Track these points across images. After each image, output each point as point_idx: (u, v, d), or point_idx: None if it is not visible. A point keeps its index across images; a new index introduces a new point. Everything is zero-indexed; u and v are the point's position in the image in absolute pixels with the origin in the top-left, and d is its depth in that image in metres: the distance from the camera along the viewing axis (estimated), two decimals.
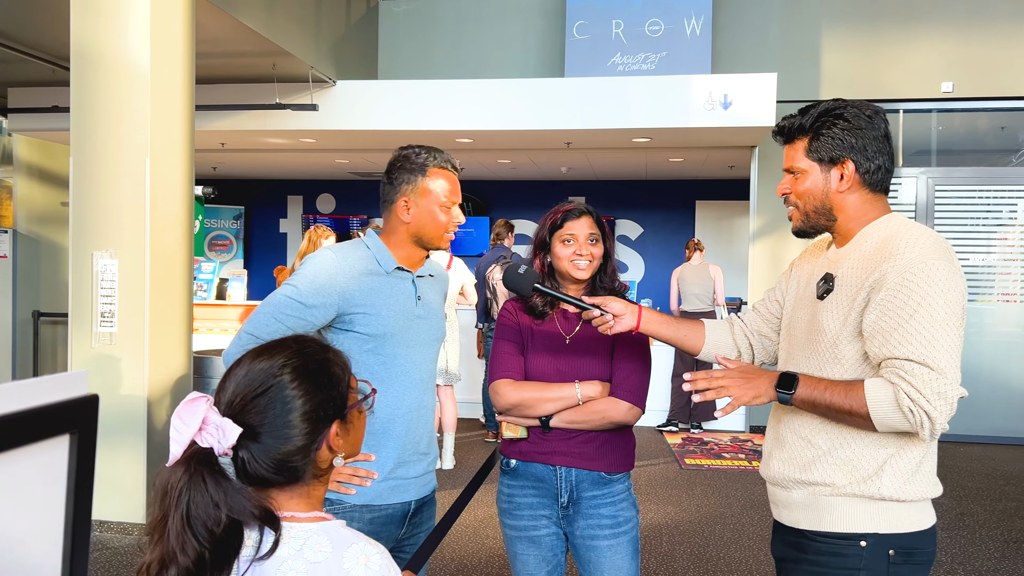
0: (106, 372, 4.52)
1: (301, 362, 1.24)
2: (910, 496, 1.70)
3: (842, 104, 1.79)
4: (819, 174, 1.79)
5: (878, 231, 1.75)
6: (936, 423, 1.58)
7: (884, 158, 1.77)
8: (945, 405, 1.57)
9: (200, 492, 1.11)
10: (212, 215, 11.28)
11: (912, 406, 1.58)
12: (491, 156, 8.92)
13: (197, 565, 1.09)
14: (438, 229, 2.15)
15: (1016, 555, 4.36)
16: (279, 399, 1.20)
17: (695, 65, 7.44)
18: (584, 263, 2.18)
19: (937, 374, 1.57)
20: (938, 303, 1.60)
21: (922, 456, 1.72)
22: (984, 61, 7.27)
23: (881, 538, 1.70)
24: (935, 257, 1.62)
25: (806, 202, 1.81)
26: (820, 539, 1.75)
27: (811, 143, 1.79)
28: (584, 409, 2.14)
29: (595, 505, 2.18)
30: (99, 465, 3.28)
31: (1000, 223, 7.42)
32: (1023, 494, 5.59)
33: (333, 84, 7.12)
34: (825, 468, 1.73)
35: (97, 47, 4.52)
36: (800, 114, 1.82)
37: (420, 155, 2.15)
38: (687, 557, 4.22)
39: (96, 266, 4.52)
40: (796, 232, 1.88)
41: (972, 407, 7.25)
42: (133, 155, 4.49)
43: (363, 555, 1.16)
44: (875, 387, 1.62)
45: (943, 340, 1.59)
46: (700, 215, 10.79)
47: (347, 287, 2.05)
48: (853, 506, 1.71)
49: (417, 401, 2.15)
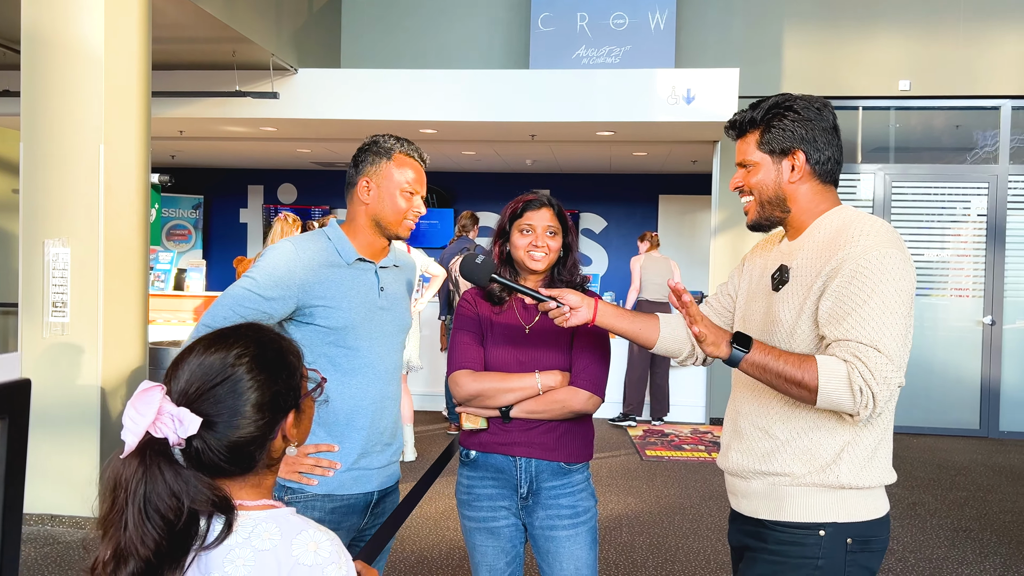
0: (58, 363, 4.41)
1: (258, 351, 1.22)
2: (867, 483, 1.73)
3: (791, 97, 1.82)
4: (771, 166, 1.82)
5: (831, 222, 1.78)
6: (878, 406, 1.62)
7: (834, 149, 1.81)
8: (887, 390, 1.62)
9: (158, 483, 1.09)
10: (170, 204, 11.08)
11: (863, 386, 1.61)
12: (456, 147, 8.88)
13: (156, 557, 1.08)
14: (397, 214, 2.13)
15: (965, 543, 4.47)
16: (236, 389, 1.18)
17: (659, 59, 7.48)
18: (540, 255, 2.18)
19: (886, 359, 1.61)
20: (890, 291, 1.63)
21: (877, 442, 1.75)
22: (940, 60, 7.41)
23: (840, 527, 1.72)
24: (889, 245, 1.66)
25: (760, 194, 1.84)
26: (780, 529, 1.77)
27: (762, 136, 1.82)
28: (544, 399, 2.14)
29: (554, 495, 2.18)
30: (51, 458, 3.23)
31: (954, 219, 7.58)
32: (973, 484, 5.74)
33: (295, 72, 7.02)
34: (784, 458, 1.75)
35: (49, 29, 4.40)
36: (751, 108, 1.85)
37: (388, 141, 2.16)
38: (646, 547, 4.25)
39: (48, 255, 4.41)
40: (751, 225, 1.90)
41: (925, 400, 7.42)
42: (86, 141, 4.39)
43: (312, 542, 1.15)
44: (829, 363, 1.64)
45: (893, 327, 1.63)
46: (663, 209, 10.87)
47: (306, 279, 2.03)
48: (812, 496, 1.74)
49: (381, 392, 2.13)
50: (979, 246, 7.47)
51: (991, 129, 7.55)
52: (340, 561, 1.15)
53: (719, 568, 3.99)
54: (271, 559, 1.12)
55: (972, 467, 6.24)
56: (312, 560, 1.12)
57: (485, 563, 2.23)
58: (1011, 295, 7.42)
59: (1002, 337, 7.41)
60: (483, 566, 2.23)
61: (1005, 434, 7.36)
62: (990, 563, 4.17)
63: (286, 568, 1.11)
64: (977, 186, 7.50)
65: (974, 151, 7.65)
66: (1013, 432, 7.36)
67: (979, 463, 6.36)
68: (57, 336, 4.42)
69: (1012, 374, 7.42)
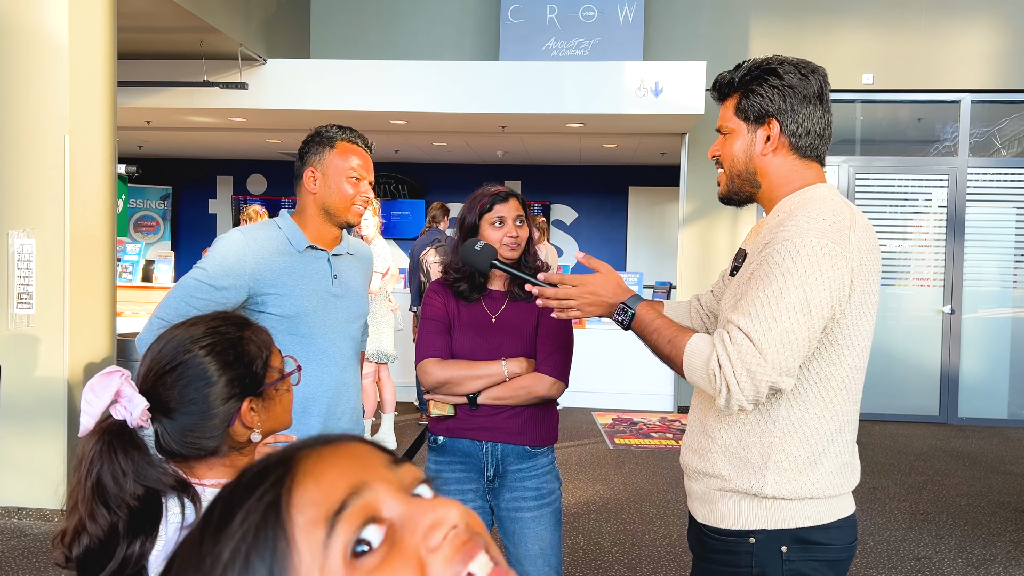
0: (24, 355, 4.38)
1: (212, 340, 1.24)
2: (799, 494, 1.56)
3: (777, 60, 1.64)
4: (746, 134, 1.65)
5: (792, 202, 1.60)
6: (733, 398, 1.47)
7: (815, 121, 1.62)
8: (750, 384, 1.46)
9: (109, 462, 1.11)
10: (138, 195, 10.95)
11: (718, 372, 1.48)
12: (426, 139, 8.88)
13: (109, 535, 1.10)
14: (344, 200, 2.15)
15: (922, 526, 4.60)
16: (188, 375, 1.21)
17: (627, 52, 7.53)
18: (515, 244, 2.24)
19: (756, 352, 1.45)
20: (792, 283, 1.46)
21: (817, 453, 1.58)
22: (902, 54, 7.55)
23: (771, 534, 1.57)
24: (814, 235, 1.48)
25: (731, 165, 1.68)
26: (714, 536, 1.65)
27: (740, 100, 1.65)
28: (510, 385, 2.20)
29: (520, 478, 2.24)
30: (18, 450, 3.23)
31: (916, 211, 7.74)
32: (931, 469, 5.89)
33: (263, 62, 6.98)
34: (715, 458, 1.63)
35: (12, 17, 4.34)
36: (735, 69, 1.69)
37: (331, 130, 2.19)
38: (614, 533, 4.32)
39: (12, 246, 4.37)
40: (721, 198, 1.75)
41: (886, 387, 7.58)
42: (50, 130, 4.34)
43: None
44: (698, 341, 1.54)
45: (779, 323, 1.46)
46: (633, 200, 10.96)
47: (257, 268, 2.05)
48: (740, 502, 1.60)
49: (337, 379, 2.16)
50: (939, 237, 7.64)
51: (952, 122, 7.71)
52: None
53: (684, 553, 4.07)
54: None
55: (931, 452, 6.40)
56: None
57: None
58: (970, 285, 7.60)
59: (961, 326, 7.59)
60: None
61: (964, 420, 7.55)
62: (945, 544, 4.30)
63: None
64: (938, 178, 7.66)
65: (935, 144, 7.81)
66: (971, 418, 7.55)
67: (938, 448, 6.53)
68: (23, 328, 4.38)
69: (971, 362, 7.61)
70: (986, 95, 7.59)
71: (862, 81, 7.56)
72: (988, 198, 7.66)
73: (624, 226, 11.06)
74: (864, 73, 7.55)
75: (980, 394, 7.59)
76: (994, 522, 4.69)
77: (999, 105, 7.65)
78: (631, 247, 10.99)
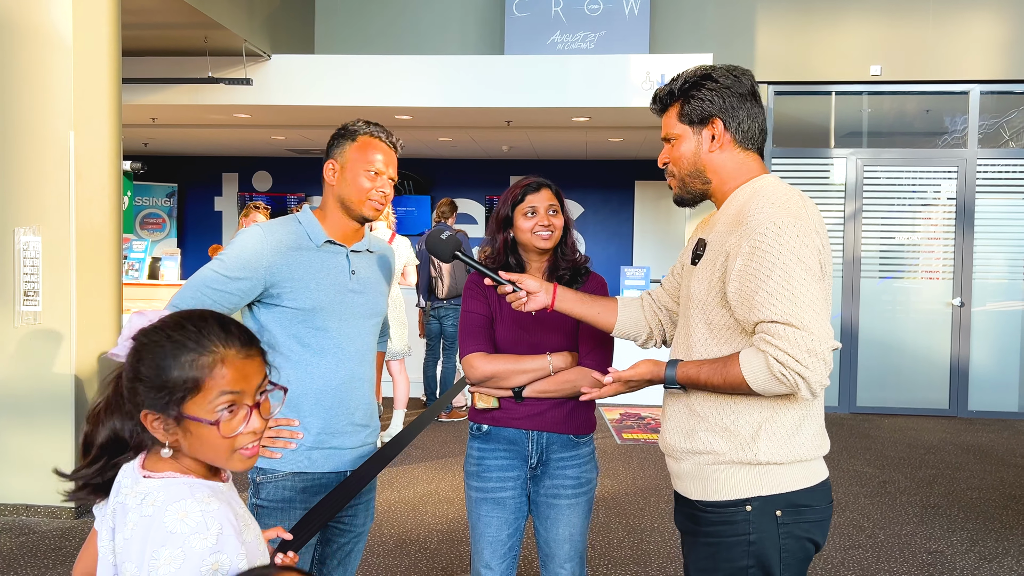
0: (31, 352, 4.38)
1: (151, 341, 1.22)
2: (789, 458, 1.70)
3: (709, 67, 1.82)
4: (692, 137, 1.80)
5: (743, 194, 1.76)
6: (811, 381, 1.58)
7: (753, 117, 1.79)
8: (817, 361, 1.57)
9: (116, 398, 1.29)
10: (144, 193, 10.96)
11: (783, 370, 1.57)
12: (431, 134, 8.86)
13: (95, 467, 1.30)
14: (360, 194, 2.14)
15: (933, 519, 4.57)
16: (131, 354, 1.24)
17: (633, 45, 7.49)
18: (547, 233, 2.27)
19: (803, 332, 1.56)
20: (791, 260, 1.59)
21: (801, 417, 1.72)
22: (911, 46, 7.49)
23: (766, 500, 1.69)
24: (782, 215, 1.62)
25: (680, 167, 1.83)
26: (709, 509, 1.74)
27: (682, 107, 1.80)
28: (556, 379, 2.25)
29: (562, 467, 2.30)
30: (25, 447, 3.23)
31: (925, 203, 7.69)
32: (941, 462, 5.85)
33: (268, 58, 6.96)
34: (705, 435, 1.74)
35: (17, 15, 4.33)
36: (672, 81, 1.84)
37: (356, 124, 2.20)
38: (623, 528, 4.31)
39: (18, 243, 4.36)
40: (676, 200, 1.90)
41: (896, 380, 7.54)
42: (56, 127, 4.34)
43: (183, 511, 1.15)
44: (749, 357, 1.63)
45: (803, 296, 1.58)
46: (639, 195, 10.92)
47: (273, 261, 2.07)
48: (735, 473, 1.71)
49: (350, 373, 2.16)
50: (948, 229, 7.59)
51: (960, 114, 7.65)
52: (206, 533, 1.14)
53: None
54: (148, 524, 1.16)
55: (941, 446, 6.36)
56: (177, 528, 1.14)
57: (488, 534, 2.30)
58: (980, 277, 7.55)
59: (971, 318, 7.54)
60: (486, 538, 2.30)
61: (974, 413, 7.51)
62: (957, 538, 4.27)
63: (155, 533, 1.14)
64: (947, 170, 7.61)
65: (944, 136, 7.75)
66: (981, 411, 7.51)
67: (948, 442, 6.49)
68: (30, 325, 4.38)
69: (980, 355, 7.56)
70: (995, 85, 7.53)
71: (870, 72, 7.51)
72: (997, 190, 7.60)
73: (631, 220, 11.02)
74: (872, 64, 7.50)
75: (990, 387, 7.55)
76: (1006, 515, 4.66)
77: (1008, 96, 7.60)
78: (637, 241, 10.96)
